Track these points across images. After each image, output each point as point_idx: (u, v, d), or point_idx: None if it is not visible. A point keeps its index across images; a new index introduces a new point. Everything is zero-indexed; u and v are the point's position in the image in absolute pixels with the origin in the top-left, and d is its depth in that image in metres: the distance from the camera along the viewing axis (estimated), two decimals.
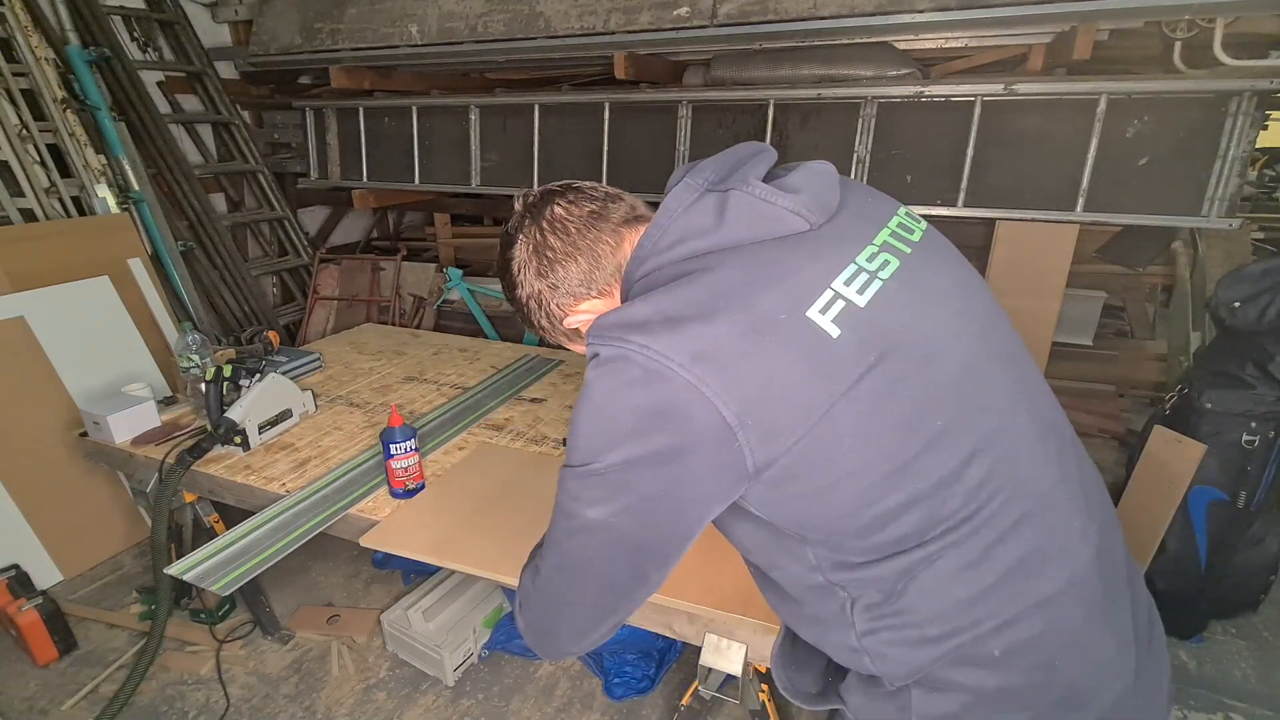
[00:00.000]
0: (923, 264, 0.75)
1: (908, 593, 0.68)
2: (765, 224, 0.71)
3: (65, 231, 2.54)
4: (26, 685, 1.91)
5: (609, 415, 0.70)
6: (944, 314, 0.72)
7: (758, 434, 0.65)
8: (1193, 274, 2.81)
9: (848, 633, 0.72)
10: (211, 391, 1.82)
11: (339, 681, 1.92)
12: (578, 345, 0.89)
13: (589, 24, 2.73)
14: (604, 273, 0.81)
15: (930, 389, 0.68)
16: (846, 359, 0.66)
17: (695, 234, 0.72)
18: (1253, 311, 1.88)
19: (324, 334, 3.61)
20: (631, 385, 0.67)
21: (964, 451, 0.67)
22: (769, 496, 0.70)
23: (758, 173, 0.75)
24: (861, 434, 0.66)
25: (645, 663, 1.85)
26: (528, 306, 0.86)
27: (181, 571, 1.40)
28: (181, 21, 3.42)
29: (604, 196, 0.83)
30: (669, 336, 0.66)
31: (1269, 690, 1.88)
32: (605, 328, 0.70)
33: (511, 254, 0.84)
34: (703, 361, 0.65)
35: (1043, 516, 0.70)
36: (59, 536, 2.26)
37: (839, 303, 0.67)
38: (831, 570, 0.72)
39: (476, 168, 3.33)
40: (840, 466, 0.66)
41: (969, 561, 0.67)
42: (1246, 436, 1.93)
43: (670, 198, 0.75)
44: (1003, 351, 0.76)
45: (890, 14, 2.33)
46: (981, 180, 2.47)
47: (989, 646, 0.68)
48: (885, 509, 0.67)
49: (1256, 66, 2.16)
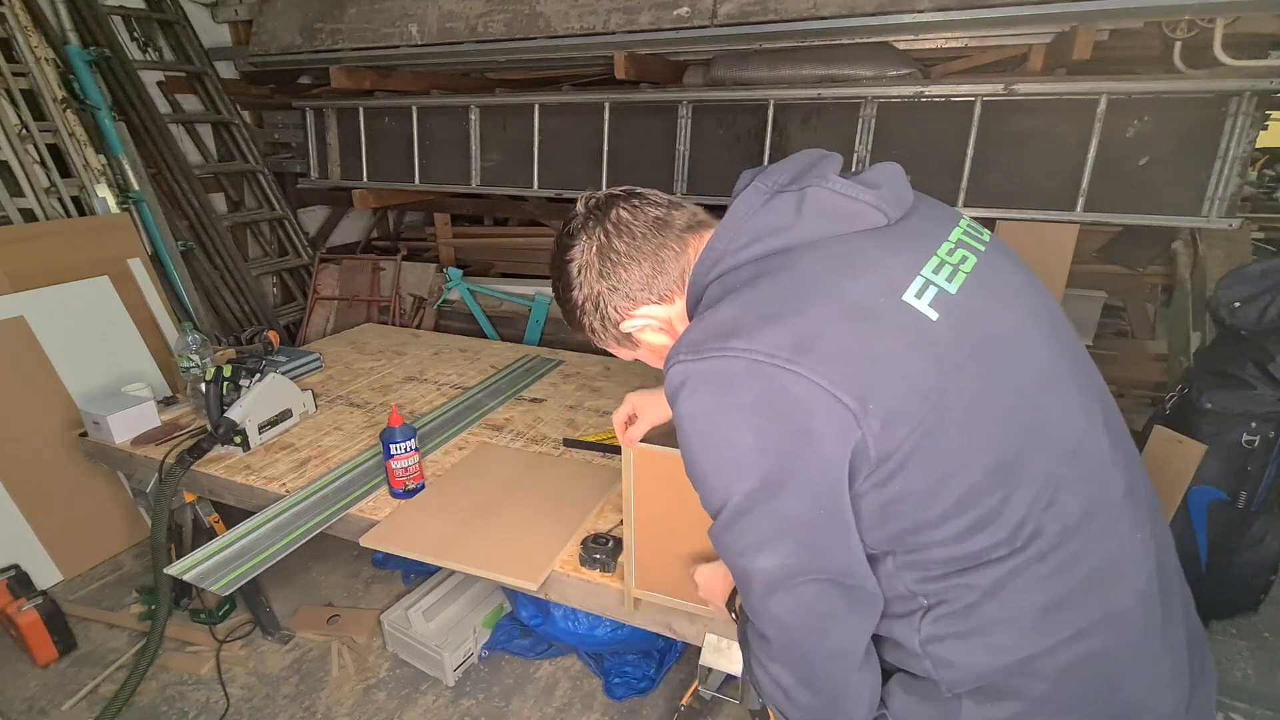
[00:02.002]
0: (997, 263, 0.74)
1: (989, 602, 0.65)
2: (844, 218, 0.70)
3: (65, 231, 2.53)
4: (26, 685, 1.91)
5: (728, 438, 0.66)
6: (1022, 312, 0.71)
7: (879, 419, 0.61)
8: (1193, 274, 2.81)
9: (911, 637, 0.69)
10: (211, 391, 1.82)
11: (339, 681, 1.92)
12: (625, 350, 0.89)
13: (589, 24, 2.73)
14: (667, 277, 0.81)
15: (1024, 384, 0.66)
16: (951, 344, 0.64)
17: (771, 231, 0.71)
18: (1253, 311, 1.88)
19: (324, 334, 3.61)
20: (740, 394, 0.64)
21: (1054, 455, 0.65)
22: (872, 502, 0.65)
23: (833, 171, 0.74)
24: (969, 423, 0.63)
25: (645, 663, 1.85)
26: (582, 308, 0.84)
27: (181, 571, 1.40)
28: (181, 21, 3.42)
29: (667, 203, 0.83)
30: (768, 333, 0.63)
31: (1269, 690, 1.88)
32: (697, 343, 0.66)
33: (571, 255, 0.83)
34: (809, 352, 0.62)
35: (1115, 527, 0.68)
36: (59, 536, 2.26)
37: (931, 289, 0.66)
38: (915, 583, 0.68)
39: (476, 168, 3.33)
40: (950, 459, 0.63)
41: (1050, 570, 0.65)
42: (1246, 436, 1.93)
43: (739, 201, 0.74)
44: (1073, 356, 0.74)
45: (890, 14, 2.33)
46: (981, 180, 2.47)
47: (1058, 658, 0.66)
48: (988, 508, 0.63)
49: (1256, 66, 2.16)
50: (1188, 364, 2.64)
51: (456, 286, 3.67)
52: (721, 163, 2.86)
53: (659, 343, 0.86)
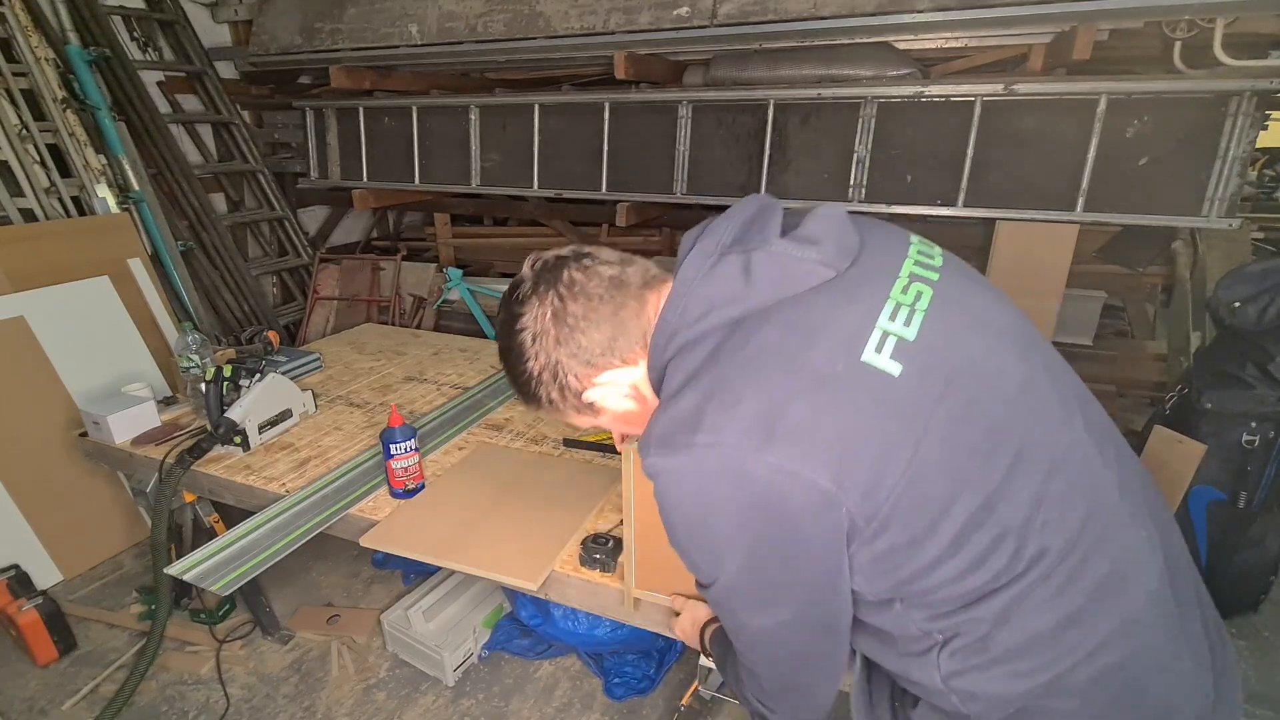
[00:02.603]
0: (953, 288, 0.73)
1: (1001, 630, 0.66)
2: (793, 280, 0.69)
3: (65, 231, 2.53)
4: (26, 685, 1.91)
5: (706, 527, 0.68)
6: (989, 335, 0.71)
7: (858, 491, 0.62)
8: (1193, 274, 2.81)
9: (932, 675, 0.69)
10: (211, 391, 1.82)
11: (339, 681, 1.92)
12: (586, 419, 0.84)
13: (589, 24, 2.73)
14: (629, 339, 0.76)
15: (999, 411, 0.66)
16: (916, 394, 0.64)
17: (724, 301, 0.69)
18: (1253, 311, 1.88)
19: (324, 334, 3.61)
20: (714, 489, 0.65)
21: (1041, 472, 0.65)
22: (864, 556, 0.66)
23: (775, 229, 0.72)
24: (948, 467, 0.63)
25: (645, 663, 1.85)
26: (539, 379, 0.79)
27: (181, 571, 1.40)
28: (181, 21, 3.42)
29: (619, 260, 0.79)
30: (732, 422, 0.63)
31: (1269, 690, 1.88)
32: (663, 437, 0.67)
33: (523, 323, 0.77)
34: (776, 437, 0.62)
35: (1116, 531, 0.68)
36: (59, 536, 2.26)
37: (890, 340, 0.65)
38: (925, 621, 0.69)
39: (476, 168, 3.33)
40: (933, 507, 0.64)
41: (1057, 588, 0.65)
42: (1246, 436, 1.93)
43: (686, 266, 0.73)
44: (1046, 364, 0.74)
45: (890, 14, 2.33)
46: (981, 180, 2.47)
47: (1081, 674, 0.66)
48: (982, 544, 0.64)
49: (1256, 66, 2.16)
50: (1188, 364, 2.64)
51: (456, 286, 3.67)
52: (721, 163, 2.86)
53: (624, 409, 0.82)
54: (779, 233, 0.72)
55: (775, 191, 2.77)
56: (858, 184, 2.63)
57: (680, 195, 2.94)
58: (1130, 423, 2.65)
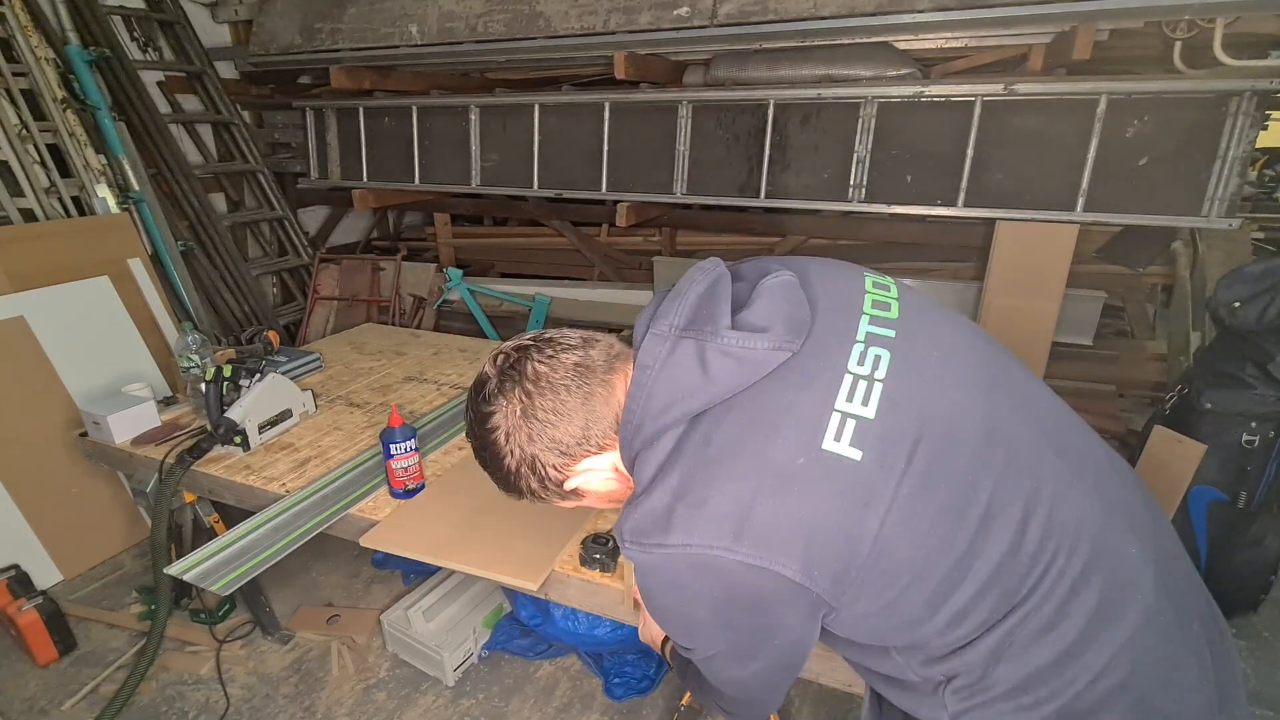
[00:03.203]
0: (910, 343, 0.73)
1: (995, 669, 0.68)
2: (750, 369, 0.69)
3: (65, 231, 2.53)
4: (26, 685, 1.91)
5: (687, 616, 0.73)
6: (946, 389, 0.71)
7: (827, 578, 0.65)
8: (1193, 274, 2.81)
9: (940, 713, 0.72)
10: (211, 391, 1.82)
11: (339, 681, 1.92)
12: (570, 503, 0.85)
13: (589, 24, 2.73)
14: (602, 425, 0.76)
15: (961, 470, 0.67)
16: (878, 477, 0.65)
17: (683, 394, 0.70)
18: (1253, 312, 1.88)
19: (324, 334, 3.61)
20: (689, 586, 0.69)
21: (1015, 520, 0.66)
22: (843, 619, 0.70)
23: (724, 315, 0.72)
24: (914, 539, 0.65)
25: (645, 663, 1.85)
26: (518, 474, 0.79)
27: (181, 571, 1.40)
28: (181, 21, 3.42)
29: (581, 341, 0.79)
30: (701, 522, 0.65)
31: (1269, 690, 1.88)
32: (636, 534, 0.69)
33: (494, 422, 0.77)
34: (744, 535, 0.64)
35: (1103, 558, 0.68)
36: (59, 536, 2.26)
37: (850, 422, 0.66)
38: (920, 667, 0.72)
39: (476, 168, 3.33)
40: (903, 576, 0.66)
41: (1048, 623, 0.66)
42: (1246, 436, 1.93)
43: (643, 352, 0.72)
44: (1013, 399, 0.74)
45: (890, 14, 2.33)
46: (981, 180, 2.47)
47: (1085, 701, 0.67)
48: (960, 602, 0.66)
49: (1256, 66, 2.16)
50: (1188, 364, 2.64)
51: (456, 286, 3.67)
52: (721, 163, 2.86)
53: (607, 489, 0.84)
54: (729, 321, 0.72)
55: (775, 192, 2.78)
56: (858, 184, 2.63)
57: (680, 195, 2.94)
58: (1130, 423, 2.65)
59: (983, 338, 0.79)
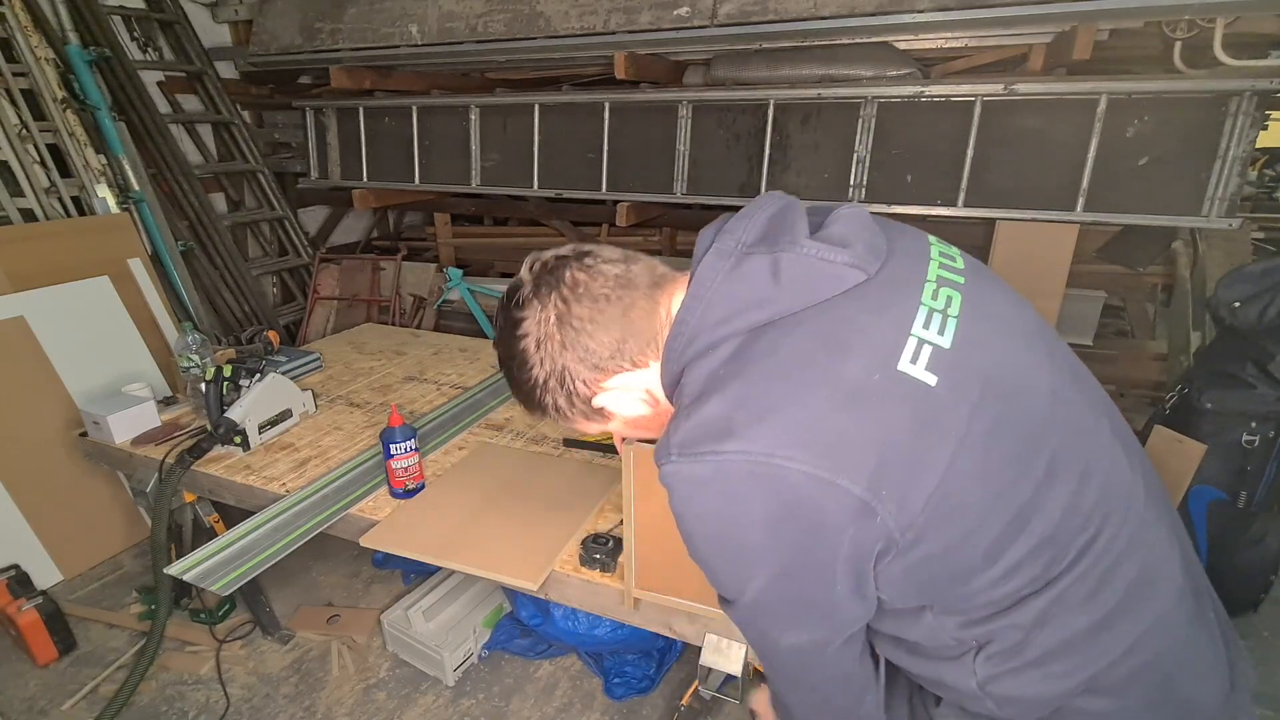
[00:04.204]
0: (981, 293, 0.71)
1: (1039, 633, 0.65)
2: (825, 284, 0.66)
3: (65, 231, 2.53)
4: (26, 685, 1.91)
5: (735, 540, 0.65)
6: (1019, 342, 0.70)
7: (894, 501, 0.61)
8: (1193, 274, 2.81)
9: (968, 680, 0.69)
10: (211, 391, 1.82)
11: (339, 681, 1.92)
12: (594, 425, 0.81)
13: (589, 24, 2.73)
14: (640, 340, 0.72)
15: (1031, 421, 0.65)
16: (952, 405, 0.62)
17: (750, 304, 0.66)
18: (1253, 311, 1.88)
19: (324, 334, 3.61)
20: (745, 500, 0.62)
21: (1074, 481, 0.64)
22: (896, 568, 0.65)
23: (803, 229, 0.69)
24: (981, 479, 0.62)
25: (645, 663, 1.85)
26: (544, 386, 0.75)
27: (181, 571, 1.40)
28: (181, 21, 3.42)
29: (623, 258, 0.75)
30: (764, 431, 0.60)
31: (1269, 690, 1.88)
32: (689, 443, 0.63)
33: (525, 329, 0.73)
34: (811, 445, 0.60)
35: (1143, 533, 0.68)
36: (59, 536, 2.26)
37: (926, 348, 0.63)
38: (957, 629, 0.69)
39: (477, 168, 3.33)
40: (969, 518, 0.63)
41: (1090, 592, 0.65)
42: (1246, 436, 1.93)
43: (704, 266, 0.69)
44: (1071, 369, 0.74)
45: (890, 14, 2.33)
46: (981, 180, 2.47)
47: (1115, 674, 0.66)
48: (1017, 555, 0.64)
49: (1256, 66, 2.16)
50: (1188, 364, 2.64)
51: (456, 286, 3.67)
52: (721, 163, 2.86)
53: (636, 413, 0.79)
54: (807, 233, 0.69)
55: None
56: (858, 184, 2.64)
57: (680, 195, 2.94)
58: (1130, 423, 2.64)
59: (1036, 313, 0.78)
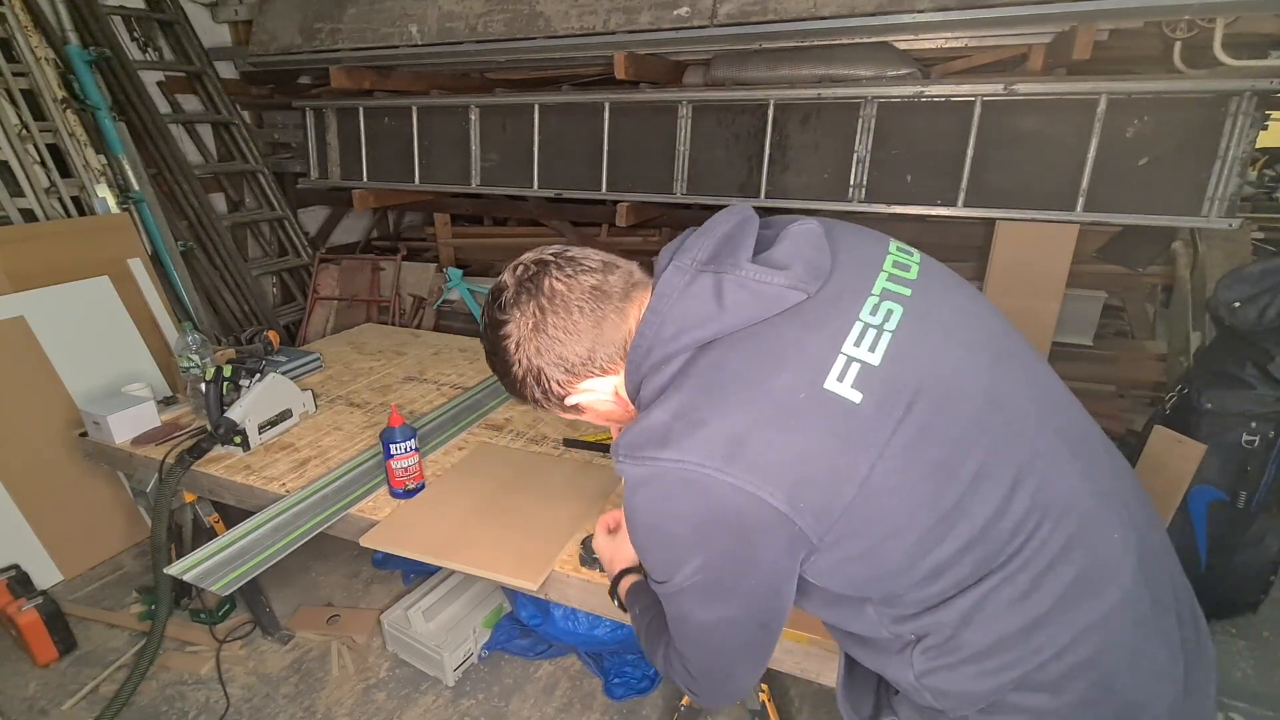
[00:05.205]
0: (925, 303, 0.74)
1: (965, 632, 0.69)
2: (764, 303, 0.71)
3: (65, 231, 2.54)
4: (26, 685, 1.91)
5: (666, 533, 0.72)
6: (955, 349, 0.72)
7: (810, 513, 0.66)
8: (1193, 274, 2.80)
9: (906, 672, 0.73)
10: (211, 391, 1.82)
11: (339, 681, 1.92)
12: (571, 415, 0.88)
13: (589, 24, 2.73)
14: (609, 349, 0.78)
15: (959, 429, 0.68)
16: (874, 421, 0.66)
17: (696, 322, 0.71)
18: (1253, 312, 1.88)
19: (324, 334, 3.61)
20: (676, 501, 0.68)
21: (1005, 486, 0.67)
22: (823, 564, 0.70)
23: (746, 251, 0.74)
24: (901, 489, 0.66)
25: (645, 663, 1.85)
26: (523, 382, 0.82)
27: (181, 571, 1.40)
28: (181, 21, 3.42)
29: (602, 265, 0.80)
30: (696, 442, 0.66)
31: (1269, 690, 1.88)
32: (632, 447, 0.70)
33: (506, 331, 0.79)
34: (737, 459, 0.65)
35: (1086, 537, 0.69)
36: (59, 536, 2.26)
37: (854, 366, 0.67)
38: (892, 624, 0.73)
39: (476, 168, 3.33)
40: (887, 525, 0.67)
41: (1022, 593, 0.67)
42: (1246, 436, 1.93)
43: (662, 282, 0.74)
44: (1020, 372, 0.75)
45: (890, 14, 2.33)
46: (981, 180, 2.47)
47: (1048, 672, 0.68)
48: (940, 559, 0.67)
49: (1256, 66, 2.16)
50: (1188, 364, 2.64)
51: (456, 286, 3.67)
52: (721, 163, 2.86)
53: (605, 410, 0.86)
54: (750, 255, 0.73)
55: (775, 191, 2.78)
56: (858, 184, 2.63)
57: (680, 195, 2.94)
58: (1130, 423, 2.65)
59: (998, 315, 0.80)
